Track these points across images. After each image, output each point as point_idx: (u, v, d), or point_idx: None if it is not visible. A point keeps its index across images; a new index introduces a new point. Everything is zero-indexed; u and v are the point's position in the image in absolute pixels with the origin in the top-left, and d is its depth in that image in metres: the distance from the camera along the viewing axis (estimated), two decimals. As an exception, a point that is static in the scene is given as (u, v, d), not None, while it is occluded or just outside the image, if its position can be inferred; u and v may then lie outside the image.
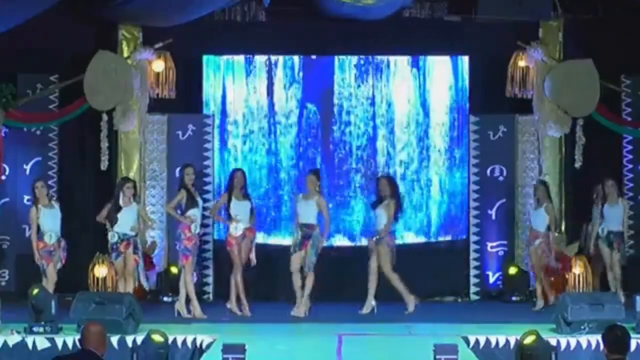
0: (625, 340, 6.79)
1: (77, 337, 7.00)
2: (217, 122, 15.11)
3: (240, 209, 13.02)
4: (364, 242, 14.17)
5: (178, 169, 13.65)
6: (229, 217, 13.08)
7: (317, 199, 13.02)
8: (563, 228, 14.69)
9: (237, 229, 12.94)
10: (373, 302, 13.03)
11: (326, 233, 13.15)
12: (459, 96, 15.27)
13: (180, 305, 12.84)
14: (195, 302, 12.83)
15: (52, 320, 10.90)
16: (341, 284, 14.15)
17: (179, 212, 12.94)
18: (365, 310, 13.00)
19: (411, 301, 13.00)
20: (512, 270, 14.62)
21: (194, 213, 12.85)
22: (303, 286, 12.90)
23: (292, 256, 12.96)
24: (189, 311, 12.82)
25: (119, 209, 12.71)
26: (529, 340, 8.91)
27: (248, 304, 13.03)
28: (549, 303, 13.12)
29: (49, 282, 12.38)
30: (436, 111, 15.28)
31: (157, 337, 9.65)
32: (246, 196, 13.17)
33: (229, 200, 13.07)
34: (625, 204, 13.71)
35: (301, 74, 15.23)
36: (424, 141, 15.27)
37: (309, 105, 15.22)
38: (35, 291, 11.10)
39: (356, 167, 15.19)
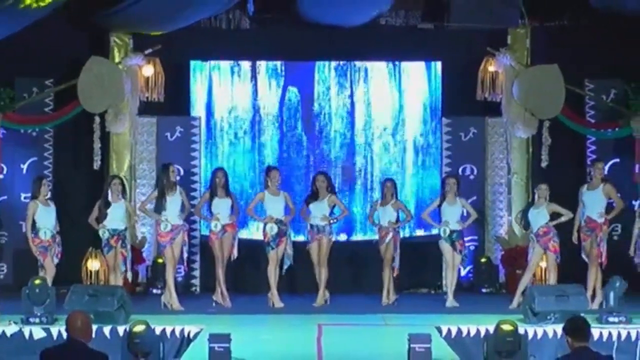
0: (586, 328, 7.04)
1: (63, 327, 6.97)
2: (203, 123, 15.31)
3: (221, 206, 13.18)
4: (342, 237, 14.63)
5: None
6: (212, 214, 13.26)
7: (284, 194, 13.36)
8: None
9: (217, 225, 13.13)
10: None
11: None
12: (433, 99, 15.44)
13: (165, 297, 12.90)
14: (173, 295, 12.81)
15: (48, 311, 10.94)
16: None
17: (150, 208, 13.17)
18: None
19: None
20: (483, 259, 15.05)
21: (164, 212, 12.89)
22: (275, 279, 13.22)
23: (271, 254, 13.17)
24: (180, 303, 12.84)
25: (108, 204, 12.91)
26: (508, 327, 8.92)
27: (230, 296, 13.19)
28: None
29: (48, 274, 12.45)
30: (411, 114, 15.49)
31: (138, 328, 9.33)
32: (228, 194, 13.27)
33: (211, 198, 13.24)
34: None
35: (283, 78, 15.40)
36: (399, 142, 15.48)
37: (291, 107, 15.42)
38: (37, 282, 11.15)
39: (335, 169, 15.37)
